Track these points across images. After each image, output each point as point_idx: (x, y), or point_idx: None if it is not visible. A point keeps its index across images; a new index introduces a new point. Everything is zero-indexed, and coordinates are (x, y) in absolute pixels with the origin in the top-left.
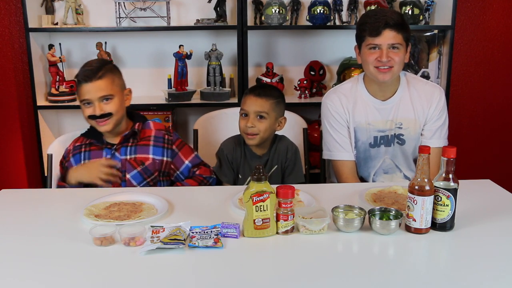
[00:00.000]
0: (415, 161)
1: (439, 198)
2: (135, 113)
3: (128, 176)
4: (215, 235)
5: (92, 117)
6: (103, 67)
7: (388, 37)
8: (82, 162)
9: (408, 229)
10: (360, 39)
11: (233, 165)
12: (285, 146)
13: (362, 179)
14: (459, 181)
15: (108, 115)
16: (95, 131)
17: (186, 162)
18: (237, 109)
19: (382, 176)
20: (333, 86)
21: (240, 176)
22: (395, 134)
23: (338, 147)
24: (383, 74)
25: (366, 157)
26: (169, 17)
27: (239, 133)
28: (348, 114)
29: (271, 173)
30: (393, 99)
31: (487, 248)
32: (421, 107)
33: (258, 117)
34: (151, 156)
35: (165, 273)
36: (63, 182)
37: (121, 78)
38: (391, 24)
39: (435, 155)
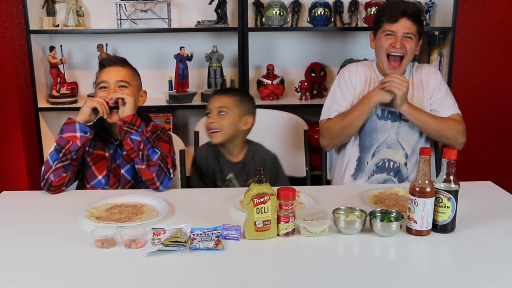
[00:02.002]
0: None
1: (440, 200)
2: (143, 113)
3: (122, 171)
4: (216, 237)
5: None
6: (127, 61)
7: (404, 25)
8: (88, 148)
9: (409, 231)
10: (377, 26)
11: (209, 173)
12: (262, 157)
13: (364, 148)
14: (460, 182)
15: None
16: (103, 124)
17: None
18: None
19: (385, 150)
20: None
21: (218, 184)
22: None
23: (336, 109)
24: (394, 69)
25: (372, 128)
26: (170, 19)
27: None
28: (359, 82)
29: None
30: None
31: (488, 250)
32: (421, 85)
33: (220, 113)
34: None
35: (166, 275)
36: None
37: (139, 79)
38: (408, 14)
39: (453, 121)
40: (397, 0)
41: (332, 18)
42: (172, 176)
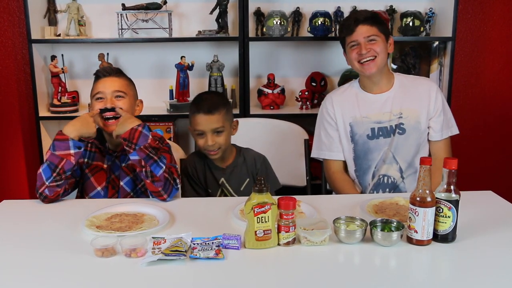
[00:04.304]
0: (420, 153)
1: (441, 210)
2: None
3: (121, 183)
4: (216, 246)
5: (102, 110)
6: (122, 71)
7: (362, 31)
8: (86, 160)
9: (409, 240)
10: (342, 43)
11: (200, 181)
12: (252, 158)
13: (362, 172)
14: (461, 192)
15: (118, 117)
16: (101, 135)
17: None
18: (239, 120)
19: (382, 167)
20: None
21: (210, 191)
22: (395, 124)
23: (327, 146)
24: (367, 66)
25: (366, 150)
26: (171, 29)
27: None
28: (340, 112)
29: (243, 187)
30: (388, 92)
31: (489, 260)
32: (419, 101)
33: (216, 133)
34: None
35: (166, 284)
36: (63, 134)
37: (135, 88)
38: (361, 20)
39: (445, 145)
40: (350, 13)
41: (333, 28)
42: (178, 186)
